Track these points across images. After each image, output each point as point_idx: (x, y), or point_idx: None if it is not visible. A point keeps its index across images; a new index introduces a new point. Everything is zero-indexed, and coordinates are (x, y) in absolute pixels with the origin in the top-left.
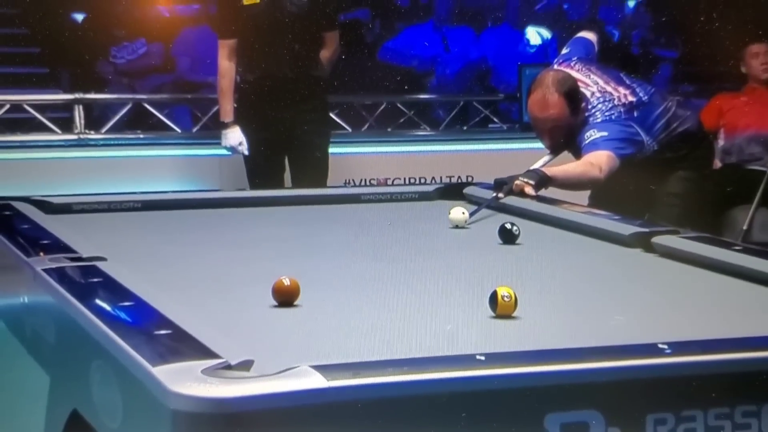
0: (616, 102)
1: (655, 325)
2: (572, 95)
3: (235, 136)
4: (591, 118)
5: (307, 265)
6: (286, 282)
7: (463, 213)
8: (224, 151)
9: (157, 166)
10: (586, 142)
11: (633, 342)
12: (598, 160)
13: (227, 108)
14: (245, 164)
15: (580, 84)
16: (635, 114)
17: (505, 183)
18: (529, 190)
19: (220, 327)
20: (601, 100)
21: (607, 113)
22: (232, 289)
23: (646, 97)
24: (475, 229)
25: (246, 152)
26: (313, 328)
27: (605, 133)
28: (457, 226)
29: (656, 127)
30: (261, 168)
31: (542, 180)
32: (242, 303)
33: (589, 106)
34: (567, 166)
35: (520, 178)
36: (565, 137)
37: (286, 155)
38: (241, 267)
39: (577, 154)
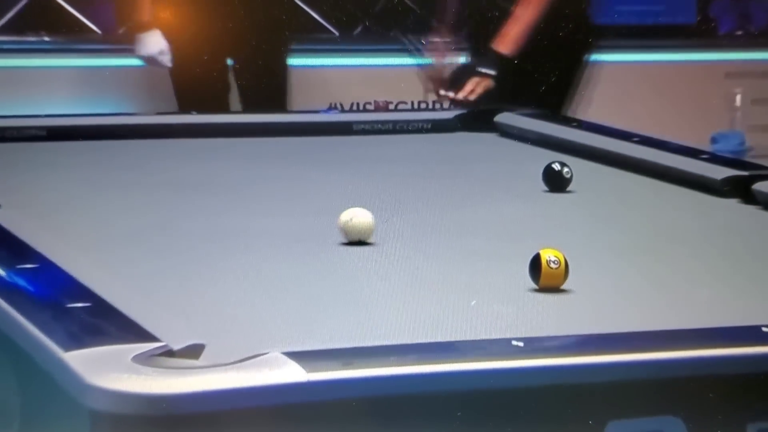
0: None
1: (756, 302)
2: None
3: (153, 42)
4: None
5: (279, 217)
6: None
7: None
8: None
9: (69, 80)
10: None
11: (727, 324)
12: None
13: (144, 3)
14: (171, 79)
15: None
16: None
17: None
18: (487, 84)
19: (159, 299)
20: None
21: None
22: (173, 248)
23: None
24: (511, 171)
25: (168, 63)
26: (286, 301)
27: None
28: (360, 241)
29: None
30: (193, 83)
31: (503, 63)
32: (188, 267)
33: None
34: (516, 22)
35: (478, 69)
36: None
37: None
38: (185, 218)
39: None
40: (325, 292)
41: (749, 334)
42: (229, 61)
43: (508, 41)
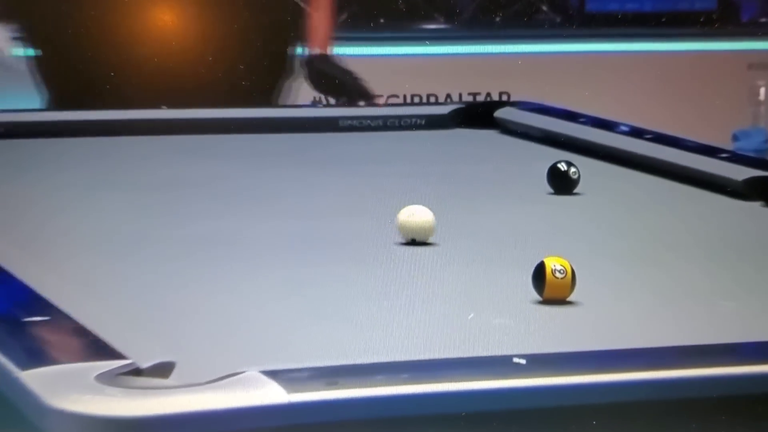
0: None
1: None
2: None
3: None
4: None
5: (256, 221)
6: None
7: (410, 214)
8: None
9: None
10: None
11: (753, 339)
12: None
13: None
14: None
15: None
16: None
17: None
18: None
19: (125, 312)
20: None
21: None
22: (140, 255)
23: None
24: (513, 171)
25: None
26: (266, 314)
27: None
28: (414, 241)
29: None
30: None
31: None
32: (156, 276)
33: None
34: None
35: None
36: None
37: None
38: (153, 222)
39: None
40: (308, 305)
41: None
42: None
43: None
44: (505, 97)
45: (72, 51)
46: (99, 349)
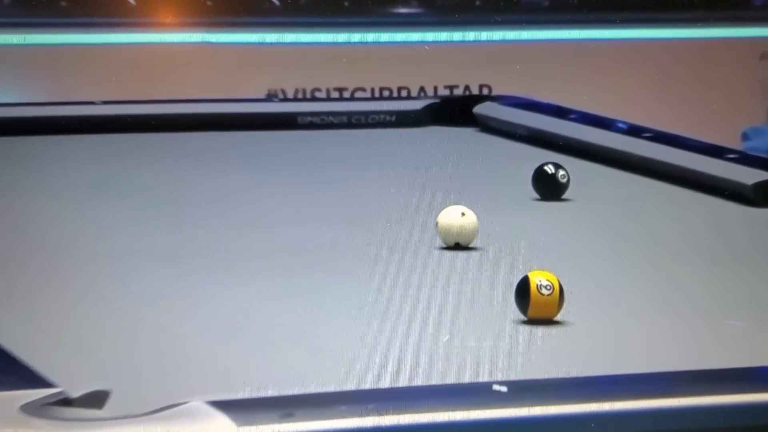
0: None
1: None
2: None
3: None
4: None
5: (199, 232)
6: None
7: (463, 214)
8: None
9: None
10: None
11: (763, 363)
12: None
13: None
14: None
15: None
16: None
17: None
18: None
19: (52, 334)
20: None
21: None
22: (69, 270)
23: None
24: (494, 174)
25: None
26: (213, 337)
27: None
28: (457, 244)
29: None
30: None
31: None
32: (87, 294)
33: None
34: None
35: None
36: None
37: None
38: (85, 233)
39: None
40: (262, 326)
41: None
42: None
43: None
44: (485, 91)
45: None
46: (23, 376)
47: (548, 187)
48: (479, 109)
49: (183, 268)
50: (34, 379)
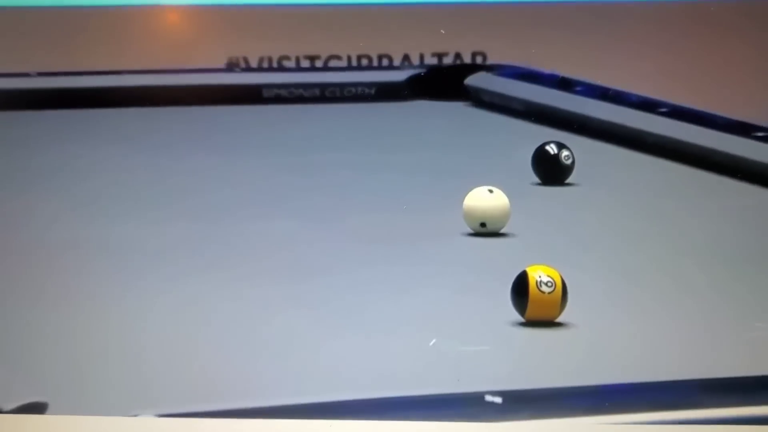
0: None
1: None
2: None
3: None
4: None
5: (145, 225)
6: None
7: (491, 191)
8: None
9: None
10: None
11: None
12: None
13: None
14: None
15: None
16: None
17: None
18: None
19: None
20: None
21: None
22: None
23: None
24: (488, 155)
25: None
26: (164, 345)
27: None
28: (483, 225)
29: None
30: None
31: None
32: (20, 296)
33: None
34: None
35: None
36: None
37: None
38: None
39: None
40: (217, 331)
41: None
42: None
43: None
44: (479, 60)
45: None
46: None
47: (550, 170)
48: (471, 80)
49: (124, 263)
50: None
